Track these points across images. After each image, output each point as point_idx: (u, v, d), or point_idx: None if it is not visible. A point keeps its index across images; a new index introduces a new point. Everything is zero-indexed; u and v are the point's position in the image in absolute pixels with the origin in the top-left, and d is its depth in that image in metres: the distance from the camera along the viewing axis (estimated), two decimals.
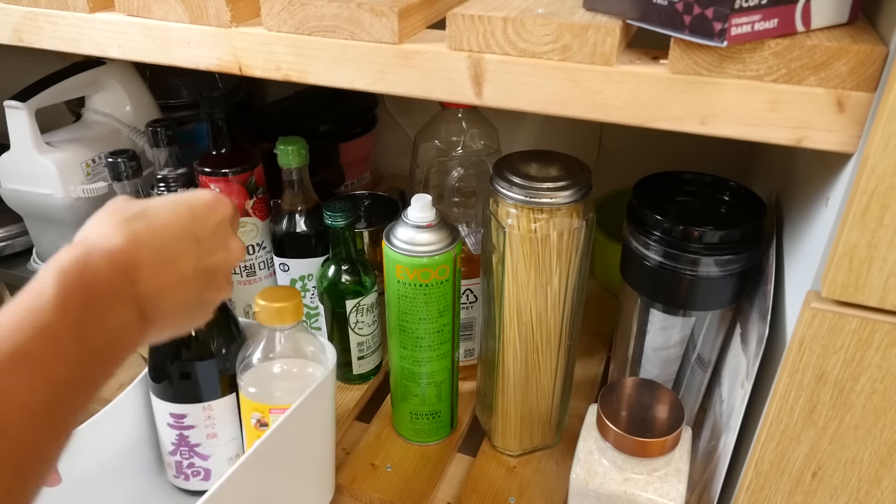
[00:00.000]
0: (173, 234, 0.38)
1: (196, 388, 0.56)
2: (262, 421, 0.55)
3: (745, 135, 0.35)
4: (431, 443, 0.65)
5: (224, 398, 0.58)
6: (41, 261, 0.76)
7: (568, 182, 0.50)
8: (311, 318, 0.73)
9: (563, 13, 0.37)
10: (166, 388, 0.57)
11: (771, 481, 0.41)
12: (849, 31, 0.34)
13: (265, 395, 0.54)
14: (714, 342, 0.54)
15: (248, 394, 0.55)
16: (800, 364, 0.37)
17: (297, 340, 0.55)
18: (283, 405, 0.52)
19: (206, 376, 0.56)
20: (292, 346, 0.55)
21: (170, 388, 0.56)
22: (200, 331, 0.55)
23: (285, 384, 0.54)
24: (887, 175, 0.31)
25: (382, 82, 0.41)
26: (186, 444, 0.58)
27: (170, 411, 0.57)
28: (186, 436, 0.58)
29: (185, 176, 0.51)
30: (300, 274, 0.71)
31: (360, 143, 0.95)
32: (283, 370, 0.55)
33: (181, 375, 0.56)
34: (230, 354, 0.57)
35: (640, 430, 0.46)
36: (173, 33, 0.45)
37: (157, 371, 0.56)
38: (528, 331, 0.55)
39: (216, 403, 0.57)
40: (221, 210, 0.42)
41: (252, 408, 0.55)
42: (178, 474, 0.60)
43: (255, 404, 0.54)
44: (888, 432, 0.37)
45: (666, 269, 0.49)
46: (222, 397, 0.57)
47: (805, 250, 0.41)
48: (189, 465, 0.59)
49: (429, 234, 0.55)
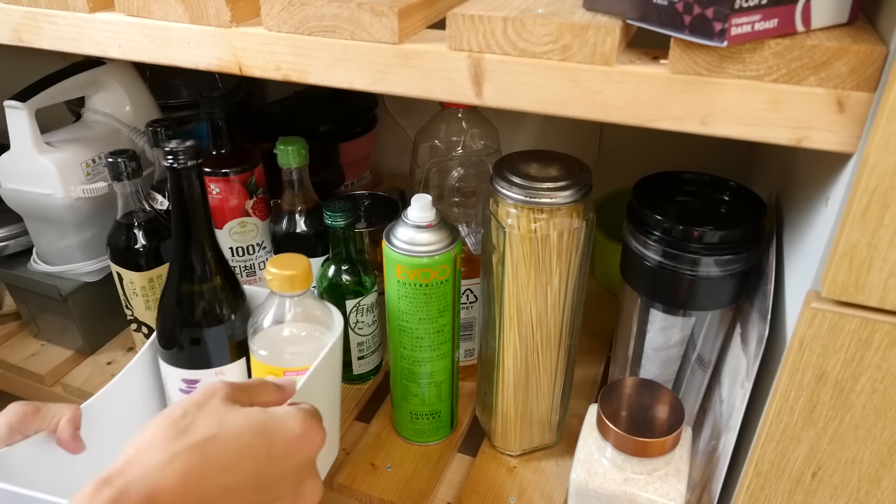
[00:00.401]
0: (233, 481, 0.32)
1: (207, 353, 0.58)
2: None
3: (745, 135, 0.35)
4: (431, 443, 0.65)
5: (234, 363, 0.59)
6: (41, 261, 0.76)
7: (568, 182, 0.50)
8: None
9: (563, 13, 0.37)
10: (177, 355, 0.58)
11: (771, 481, 0.41)
12: (849, 31, 0.34)
13: (276, 359, 0.56)
14: (714, 342, 0.54)
15: (260, 357, 0.57)
16: (800, 364, 0.37)
17: (306, 306, 0.57)
18: (296, 367, 0.55)
19: (217, 342, 0.58)
20: (302, 311, 0.57)
21: (181, 355, 0.58)
22: (210, 298, 0.57)
23: (296, 348, 0.56)
24: (887, 175, 0.31)
25: (382, 82, 0.41)
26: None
27: (182, 377, 0.59)
28: None
29: (194, 149, 0.52)
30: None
31: (360, 143, 0.95)
32: (292, 334, 0.57)
33: (192, 342, 0.58)
34: (237, 320, 0.59)
35: (640, 430, 0.46)
36: (173, 33, 0.45)
37: (168, 338, 0.58)
38: (528, 331, 0.55)
39: (227, 368, 0.59)
40: (307, 450, 0.36)
41: (266, 371, 0.56)
42: None
43: (269, 367, 0.56)
44: (888, 432, 0.37)
45: (666, 269, 0.49)
46: (232, 362, 0.59)
47: (805, 250, 0.41)
48: None
49: (429, 234, 0.55)
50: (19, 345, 0.80)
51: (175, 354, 0.58)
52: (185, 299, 0.57)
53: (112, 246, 0.68)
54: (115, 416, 0.56)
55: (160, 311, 0.58)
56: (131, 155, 0.64)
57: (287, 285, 0.54)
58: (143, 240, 0.68)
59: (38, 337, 0.81)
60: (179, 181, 0.52)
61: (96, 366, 0.78)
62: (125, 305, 0.72)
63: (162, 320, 0.58)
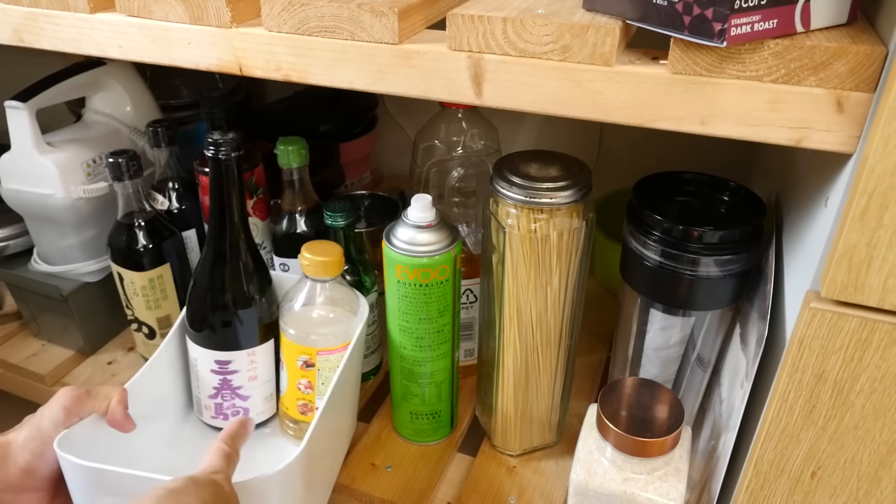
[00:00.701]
0: None
1: (238, 335, 0.60)
2: (308, 362, 0.60)
3: (745, 135, 0.35)
4: (431, 443, 0.65)
5: (264, 344, 0.62)
6: (42, 261, 0.76)
7: (568, 182, 0.50)
8: None
9: (563, 13, 0.37)
10: (209, 337, 0.60)
11: (770, 481, 0.41)
12: (848, 32, 0.34)
13: (304, 339, 0.59)
14: (714, 342, 0.54)
15: (290, 335, 0.60)
16: (799, 364, 0.37)
17: (336, 291, 0.60)
18: (328, 347, 0.59)
19: (249, 324, 0.60)
20: (331, 295, 0.60)
21: (213, 337, 0.60)
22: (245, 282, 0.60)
23: (324, 329, 0.60)
24: (887, 175, 0.31)
25: (382, 82, 0.41)
26: (229, 388, 0.62)
27: (215, 358, 0.61)
28: (230, 380, 0.62)
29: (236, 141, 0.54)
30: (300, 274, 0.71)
31: (360, 143, 0.95)
32: (321, 316, 0.60)
33: (223, 324, 0.60)
34: (266, 303, 0.61)
35: (640, 429, 0.46)
36: (174, 33, 0.45)
37: (198, 322, 0.60)
38: (528, 331, 0.55)
39: (258, 349, 0.61)
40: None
41: (299, 350, 0.59)
42: (217, 415, 0.64)
43: (302, 347, 0.59)
44: (887, 432, 0.37)
45: (666, 269, 0.49)
46: (262, 343, 0.61)
47: (805, 250, 0.41)
48: (230, 405, 0.64)
49: (429, 234, 0.55)
50: (20, 345, 0.80)
51: (208, 336, 0.60)
52: (219, 284, 0.59)
53: (112, 246, 0.69)
54: (150, 395, 0.60)
55: (193, 297, 0.60)
56: (132, 155, 0.65)
57: (321, 271, 0.58)
58: (143, 240, 0.68)
59: (39, 337, 0.81)
60: (220, 171, 0.55)
61: (97, 366, 0.78)
62: (125, 305, 0.72)
63: (195, 304, 0.60)
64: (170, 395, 0.64)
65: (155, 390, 0.61)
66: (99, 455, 0.48)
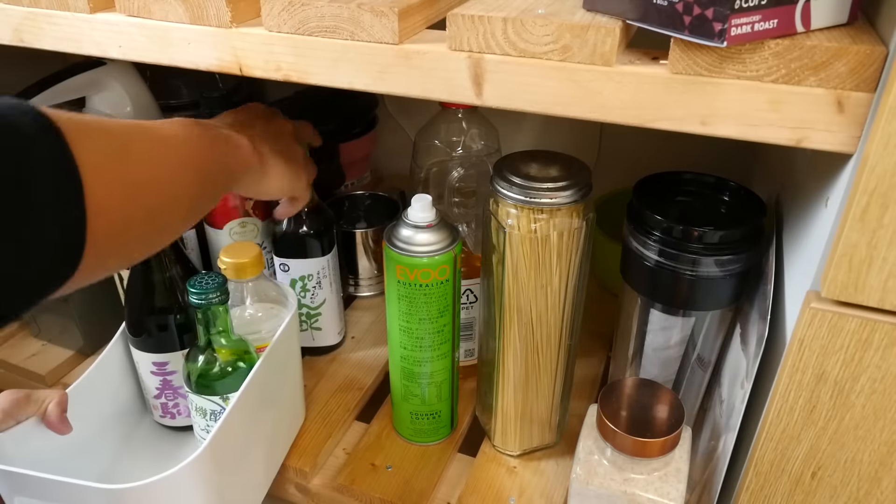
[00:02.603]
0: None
1: (173, 337, 0.62)
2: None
3: (745, 135, 0.35)
4: (431, 443, 0.65)
5: None
6: None
7: (568, 182, 0.50)
8: (311, 318, 0.73)
9: (563, 13, 0.37)
10: (146, 341, 0.62)
11: (771, 481, 0.41)
12: (848, 32, 0.34)
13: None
14: (714, 342, 0.54)
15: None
16: (799, 364, 0.37)
17: (261, 288, 0.62)
18: (264, 345, 0.59)
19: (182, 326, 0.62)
20: (258, 293, 0.62)
21: (150, 340, 0.62)
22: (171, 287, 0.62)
23: (256, 327, 0.61)
24: (887, 175, 0.31)
25: (382, 82, 0.41)
26: (170, 388, 0.65)
27: (152, 360, 0.63)
28: (170, 380, 0.64)
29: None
30: (300, 274, 0.71)
31: (360, 143, 0.95)
32: (251, 315, 0.62)
33: (158, 328, 0.62)
34: None
35: (640, 430, 0.46)
36: (174, 33, 0.45)
37: (136, 326, 0.62)
38: (528, 331, 0.55)
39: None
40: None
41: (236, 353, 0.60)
42: (165, 414, 0.66)
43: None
44: (888, 432, 0.37)
45: (666, 269, 0.49)
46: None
47: (805, 250, 0.41)
48: (174, 405, 0.66)
49: (429, 235, 0.55)
50: (20, 345, 0.80)
51: (145, 340, 0.62)
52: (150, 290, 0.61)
53: None
54: (97, 397, 0.62)
55: (128, 303, 0.62)
56: None
57: (241, 272, 0.59)
58: None
59: (39, 337, 0.81)
60: None
61: None
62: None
63: (129, 310, 0.62)
64: (122, 397, 0.66)
65: (105, 392, 0.63)
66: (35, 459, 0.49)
